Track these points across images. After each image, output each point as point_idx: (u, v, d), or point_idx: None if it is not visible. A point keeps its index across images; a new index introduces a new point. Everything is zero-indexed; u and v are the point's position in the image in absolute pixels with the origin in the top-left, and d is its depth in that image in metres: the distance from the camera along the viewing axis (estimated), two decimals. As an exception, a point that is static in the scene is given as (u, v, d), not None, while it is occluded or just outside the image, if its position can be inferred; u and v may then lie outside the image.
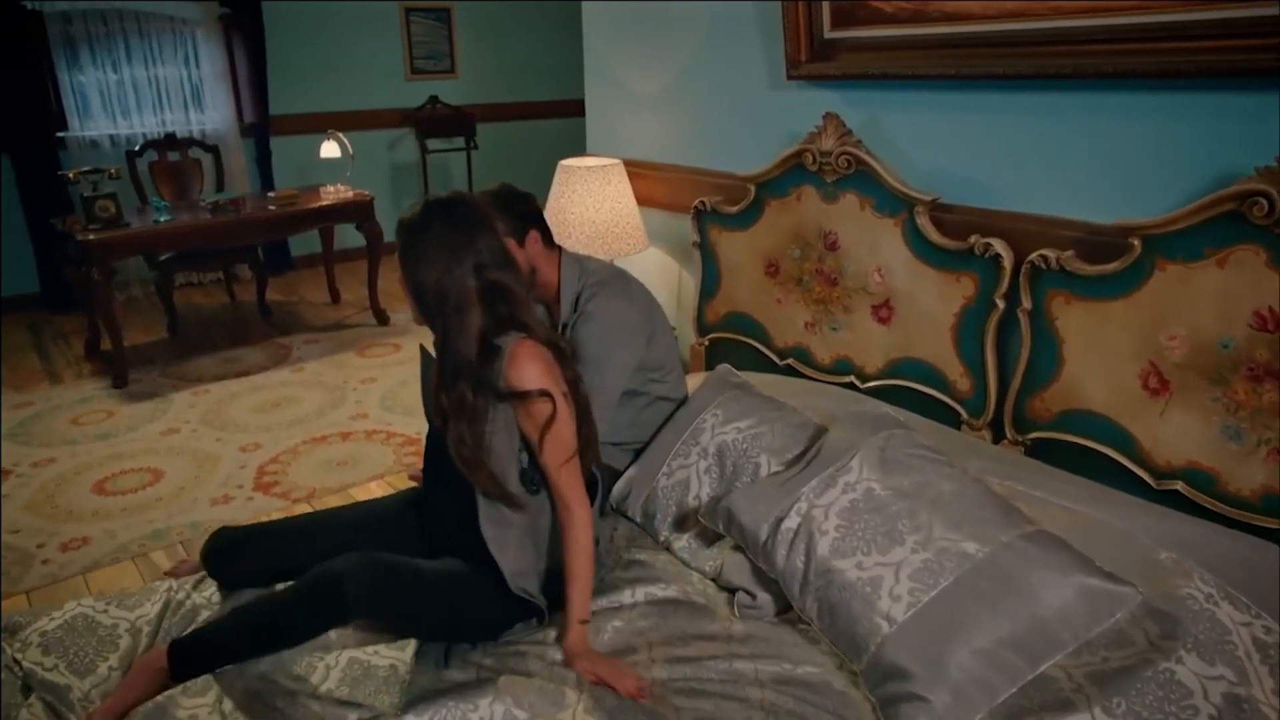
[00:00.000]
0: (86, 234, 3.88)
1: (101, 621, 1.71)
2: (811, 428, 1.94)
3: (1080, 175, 1.90)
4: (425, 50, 6.58)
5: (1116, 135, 1.83)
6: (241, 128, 5.81)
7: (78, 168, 4.12)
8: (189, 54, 5.53)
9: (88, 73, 5.23)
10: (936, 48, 2.05)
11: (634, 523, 2.04)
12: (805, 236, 2.38)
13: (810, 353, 2.47)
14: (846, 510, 1.61)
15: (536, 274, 2.10)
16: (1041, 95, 1.93)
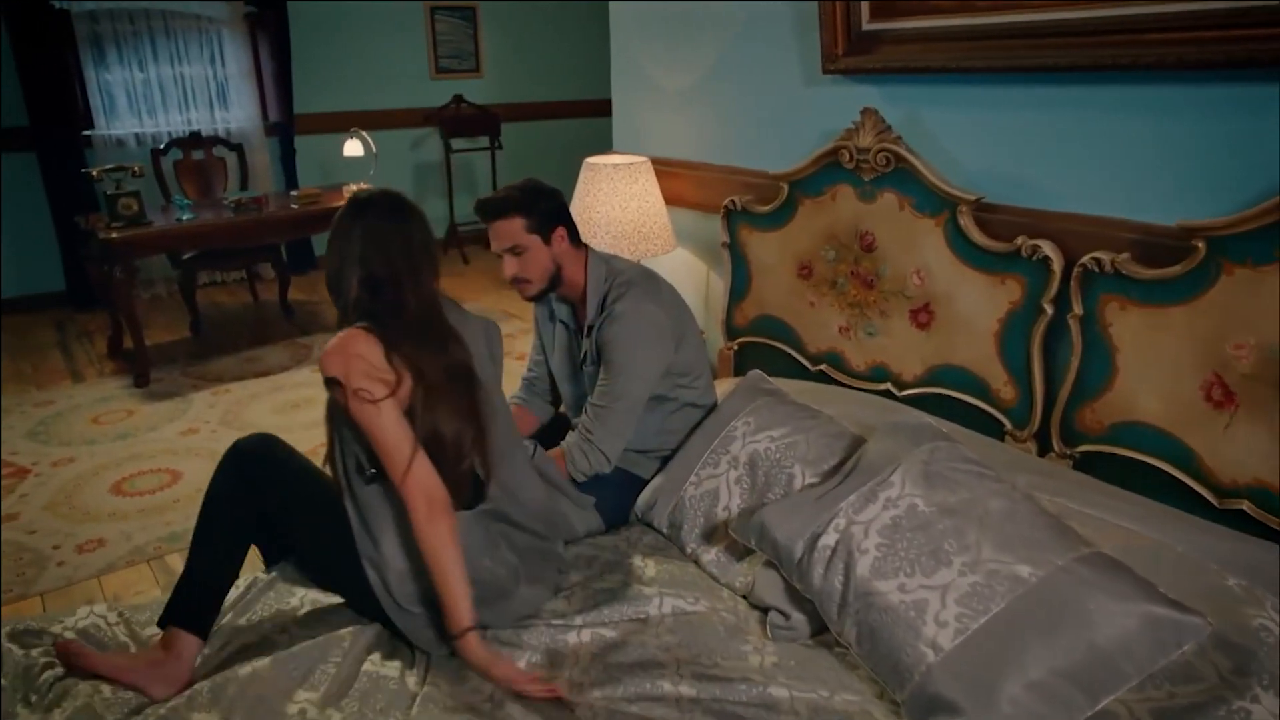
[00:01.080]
0: (109, 232, 3.86)
1: (116, 634, 1.65)
2: (848, 438, 1.85)
3: (1138, 173, 1.79)
4: (450, 49, 6.54)
5: (1179, 131, 1.72)
6: (266, 126, 5.80)
7: (102, 166, 4.10)
8: (215, 52, 5.52)
9: (114, 71, 5.23)
10: (983, 39, 1.95)
11: (660, 533, 1.95)
12: (840, 237, 2.29)
13: (844, 358, 2.37)
14: (888, 528, 1.52)
15: (562, 273, 2.03)
16: (1097, 88, 1.82)
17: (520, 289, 2.03)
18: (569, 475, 2.00)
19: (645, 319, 1.98)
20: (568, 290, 2.07)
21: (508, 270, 1.99)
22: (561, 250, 2.00)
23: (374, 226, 1.58)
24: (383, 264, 1.57)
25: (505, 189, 1.99)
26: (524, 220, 1.95)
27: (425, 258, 1.61)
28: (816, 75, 2.35)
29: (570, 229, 2.04)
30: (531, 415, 2.32)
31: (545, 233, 1.97)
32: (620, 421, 1.97)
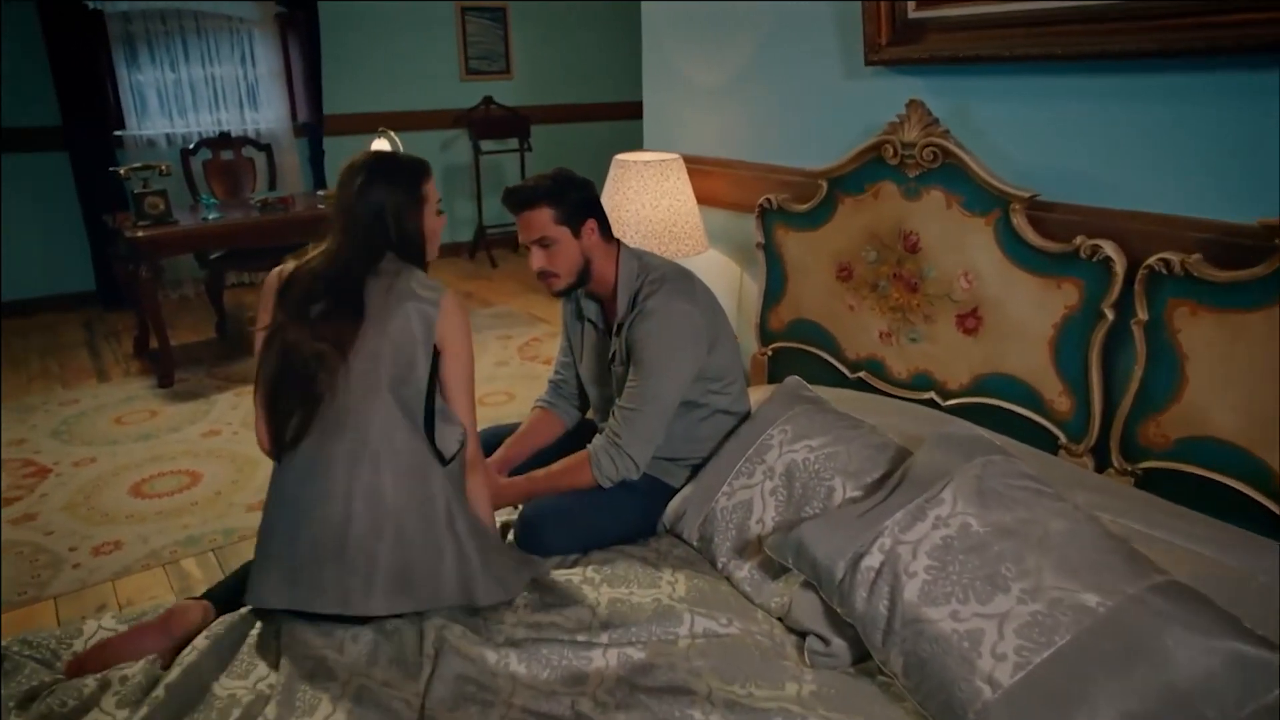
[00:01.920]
0: (135, 230, 3.84)
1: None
2: (893, 449, 1.73)
3: (1212, 167, 1.66)
4: (480, 50, 6.50)
5: (1259, 121, 1.58)
6: (295, 127, 5.78)
7: (130, 165, 4.08)
8: (245, 53, 5.52)
9: (146, 72, 5.24)
10: (1039, 24, 1.83)
11: (690, 545, 1.85)
12: (883, 237, 2.17)
13: (885, 365, 2.25)
14: (939, 549, 1.40)
15: (592, 267, 1.93)
16: (1164, 76, 1.69)
17: (547, 283, 1.94)
18: (594, 481, 1.90)
19: (678, 317, 1.88)
20: (597, 286, 1.98)
21: (535, 262, 1.91)
22: (592, 244, 1.91)
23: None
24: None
25: (535, 178, 1.91)
26: (553, 211, 1.86)
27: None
28: (858, 67, 2.23)
29: (602, 222, 1.95)
30: (557, 420, 2.22)
31: (575, 225, 1.88)
32: (650, 425, 1.87)
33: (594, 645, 1.50)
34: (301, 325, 1.58)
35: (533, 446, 2.15)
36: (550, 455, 2.05)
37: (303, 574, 1.54)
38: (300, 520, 1.56)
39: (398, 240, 1.64)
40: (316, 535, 1.54)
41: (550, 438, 2.19)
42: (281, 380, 1.59)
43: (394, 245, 1.64)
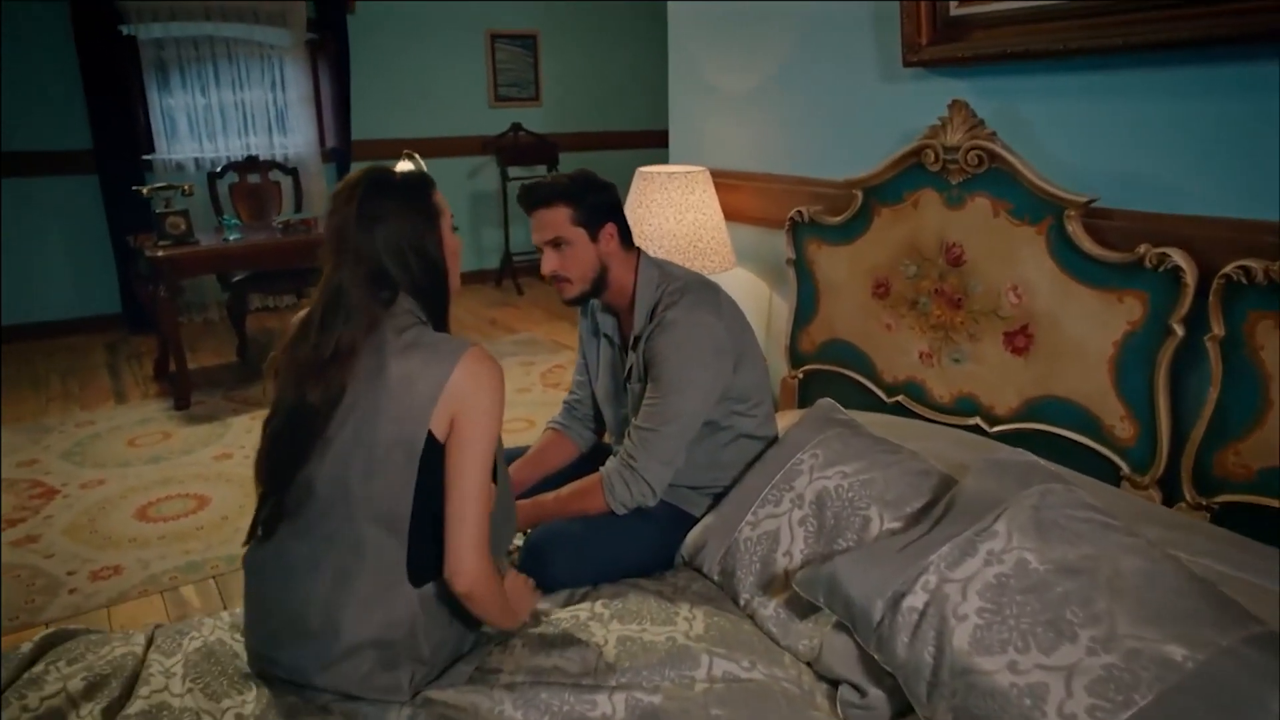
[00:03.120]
0: (156, 250, 3.79)
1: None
2: (936, 476, 1.56)
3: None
4: (510, 77, 6.48)
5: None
6: (323, 152, 5.77)
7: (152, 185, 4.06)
8: (275, 79, 5.53)
9: (177, 96, 5.27)
10: (1097, 15, 1.68)
11: (710, 581, 1.68)
12: (923, 249, 2.01)
13: (925, 389, 2.08)
14: (992, 588, 1.22)
15: (608, 275, 1.80)
16: (1239, 67, 1.53)
17: (559, 288, 1.81)
18: (604, 507, 1.75)
19: (700, 330, 1.73)
20: (614, 297, 1.84)
21: (546, 265, 1.77)
22: (610, 250, 1.78)
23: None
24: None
25: (554, 175, 1.80)
26: (570, 210, 1.74)
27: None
28: (895, 70, 2.10)
29: (622, 228, 1.82)
30: (570, 443, 2.08)
31: (593, 227, 1.76)
32: (668, 446, 1.71)
33: (600, 689, 1.33)
34: (288, 381, 1.33)
35: (543, 470, 2.01)
36: (561, 481, 1.90)
37: (264, 650, 1.40)
38: (260, 614, 1.39)
39: (418, 269, 1.34)
40: (274, 629, 1.37)
41: (562, 461, 2.05)
42: (271, 449, 1.35)
43: (412, 276, 1.34)
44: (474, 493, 1.29)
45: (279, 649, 1.36)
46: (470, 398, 1.30)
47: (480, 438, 1.30)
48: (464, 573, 1.29)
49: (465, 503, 1.29)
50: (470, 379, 1.30)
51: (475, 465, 1.30)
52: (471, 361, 1.31)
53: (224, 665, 1.45)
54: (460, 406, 1.29)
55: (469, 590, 1.31)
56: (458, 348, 1.33)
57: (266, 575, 1.38)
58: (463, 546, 1.29)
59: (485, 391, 1.31)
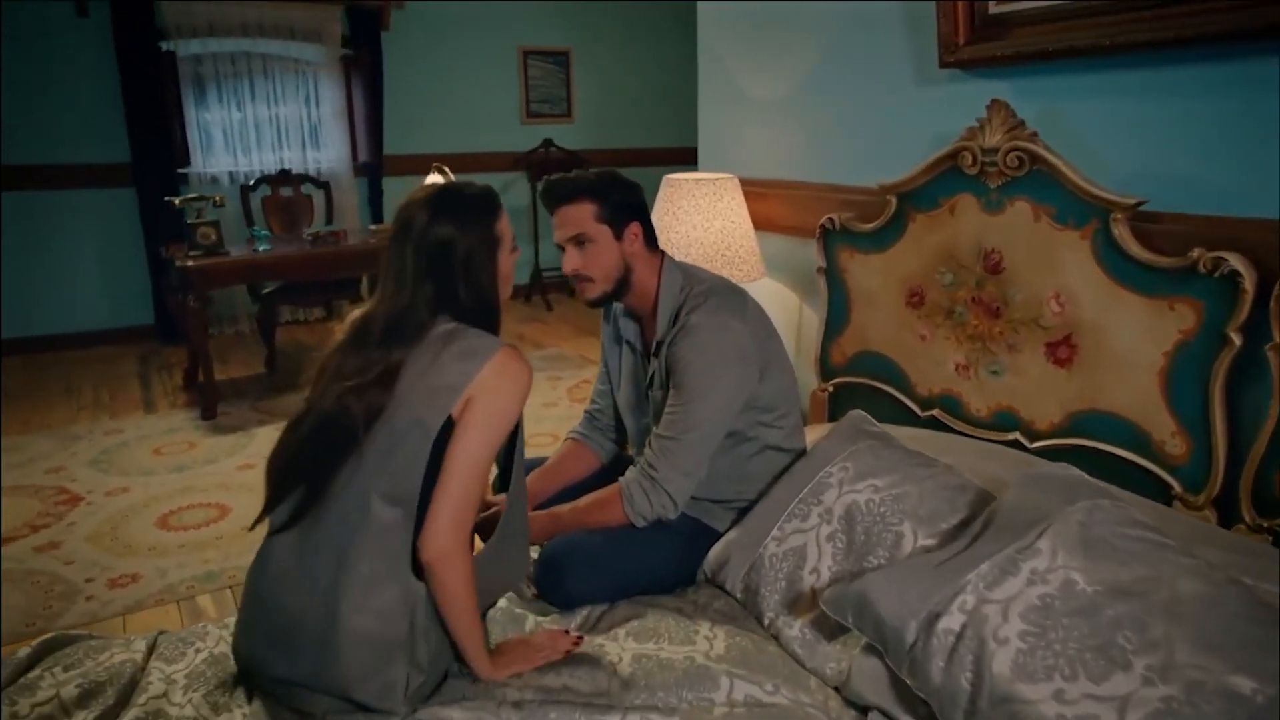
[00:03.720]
0: (186, 260, 3.81)
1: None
2: (973, 491, 1.48)
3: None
4: (541, 94, 6.50)
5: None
6: (356, 166, 5.82)
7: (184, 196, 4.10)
8: (309, 94, 5.60)
9: (213, 111, 5.34)
10: (1143, 9, 1.60)
11: (733, 598, 1.60)
12: (959, 257, 1.93)
13: (962, 403, 1.99)
14: (1036, 610, 1.13)
15: (631, 276, 1.74)
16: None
17: (580, 288, 1.75)
18: (624, 519, 1.68)
19: (724, 334, 1.66)
20: (636, 300, 1.78)
21: (568, 264, 1.72)
22: (634, 251, 1.72)
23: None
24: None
25: (578, 172, 1.74)
26: (595, 207, 1.68)
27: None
28: (930, 72, 2.03)
29: (647, 229, 1.76)
30: (590, 453, 2.01)
31: (617, 226, 1.70)
32: (690, 456, 1.64)
33: (612, 710, 1.26)
34: (331, 389, 1.34)
35: (562, 481, 1.94)
36: (580, 493, 1.84)
37: (258, 652, 1.35)
38: (259, 612, 1.35)
39: (467, 295, 1.35)
40: (272, 629, 1.33)
41: (582, 472, 1.98)
42: (297, 449, 1.34)
43: (460, 301, 1.35)
44: (466, 472, 1.28)
45: (274, 650, 1.31)
46: (489, 387, 1.30)
47: (486, 423, 1.29)
48: (433, 538, 1.27)
49: (453, 478, 1.28)
50: (496, 372, 1.31)
51: (473, 447, 1.29)
52: (503, 357, 1.32)
53: (228, 675, 1.40)
54: (479, 392, 1.29)
55: (433, 559, 1.27)
56: (493, 344, 1.34)
57: (269, 570, 1.35)
58: (439, 515, 1.27)
59: (507, 386, 1.31)
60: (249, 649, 1.36)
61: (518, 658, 1.37)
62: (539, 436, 3.72)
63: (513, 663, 1.36)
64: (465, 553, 1.30)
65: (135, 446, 3.70)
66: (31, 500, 3.17)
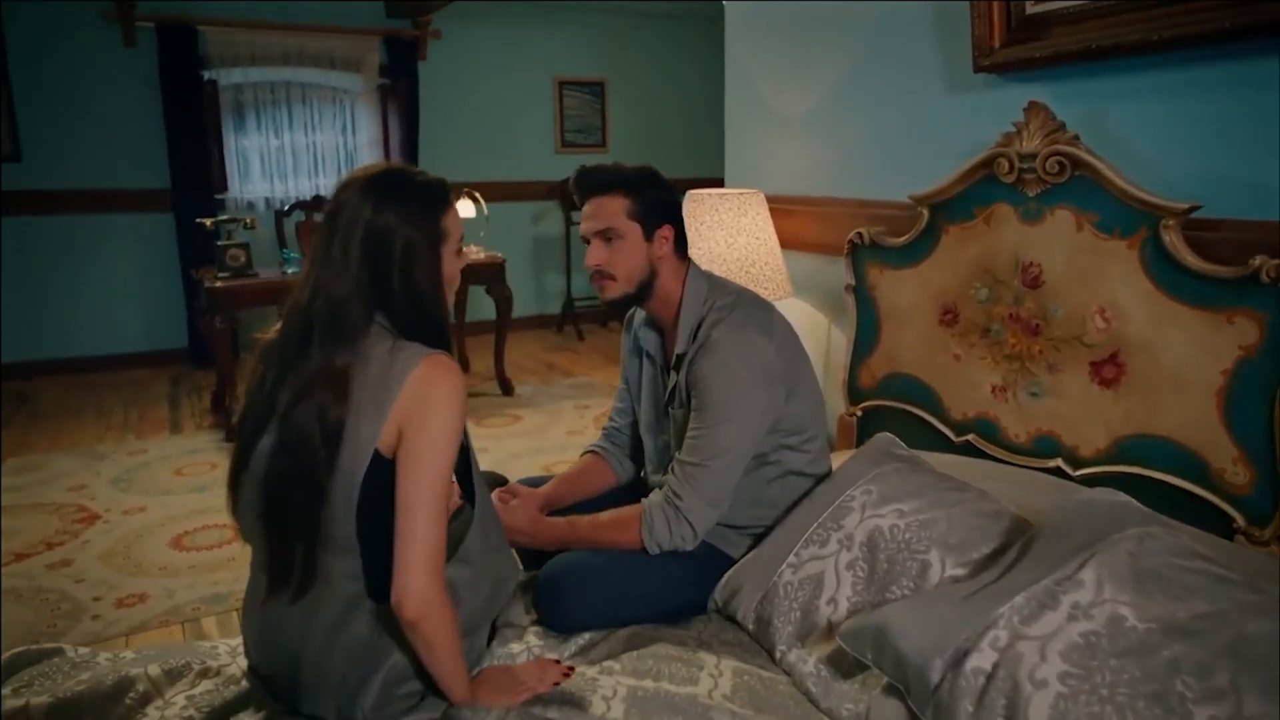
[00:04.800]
0: (214, 281, 3.82)
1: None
2: (1008, 519, 1.35)
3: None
4: (576, 123, 6.50)
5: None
6: (391, 194, 5.84)
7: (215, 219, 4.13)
8: (346, 122, 5.66)
9: (251, 138, 5.42)
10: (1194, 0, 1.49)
11: (744, 630, 1.48)
12: (996, 270, 1.81)
13: (999, 427, 1.85)
14: (1078, 650, 1.00)
15: (655, 281, 1.65)
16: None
17: (600, 285, 1.65)
18: (639, 544, 1.57)
19: (749, 352, 1.56)
20: (658, 308, 1.68)
21: (591, 258, 1.62)
22: (662, 254, 1.63)
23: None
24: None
25: (616, 163, 1.65)
26: (628, 202, 1.60)
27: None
28: (964, 78, 1.93)
29: (679, 234, 1.67)
30: (608, 470, 1.91)
31: (649, 226, 1.61)
32: (716, 484, 1.54)
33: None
34: (281, 394, 1.22)
35: (579, 492, 1.84)
36: (591, 510, 1.73)
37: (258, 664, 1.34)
38: (253, 636, 1.33)
39: (403, 293, 1.22)
40: (269, 654, 1.31)
41: (599, 487, 1.88)
42: (269, 498, 1.22)
43: (395, 300, 1.22)
44: (425, 510, 1.16)
45: (272, 666, 1.29)
46: (420, 408, 1.17)
47: (430, 451, 1.17)
48: (410, 595, 1.15)
49: (414, 520, 1.16)
50: (422, 385, 1.18)
51: (425, 480, 1.16)
52: (427, 368, 1.19)
53: (222, 692, 1.33)
54: (409, 416, 1.17)
55: (415, 616, 1.15)
56: (413, 358, 1.20)
57: (251, 597, 1.32)
58: (410, 566, 1.15)
59: (438, 401, 1.18)
60: (259, 664, 1.33)
61: (501, 688, 1.26)
62: (563, 465, 3.62)
63: (495, 694, 1.25)
64: (444, 598, 1.19)
65: (157, 466, 3.68)
66: (51, 517, 3.16)
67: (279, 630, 1.25)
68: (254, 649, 1.33)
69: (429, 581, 1.15)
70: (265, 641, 1.29)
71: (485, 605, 1.37)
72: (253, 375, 1.28)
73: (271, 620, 1.26)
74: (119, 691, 1.27)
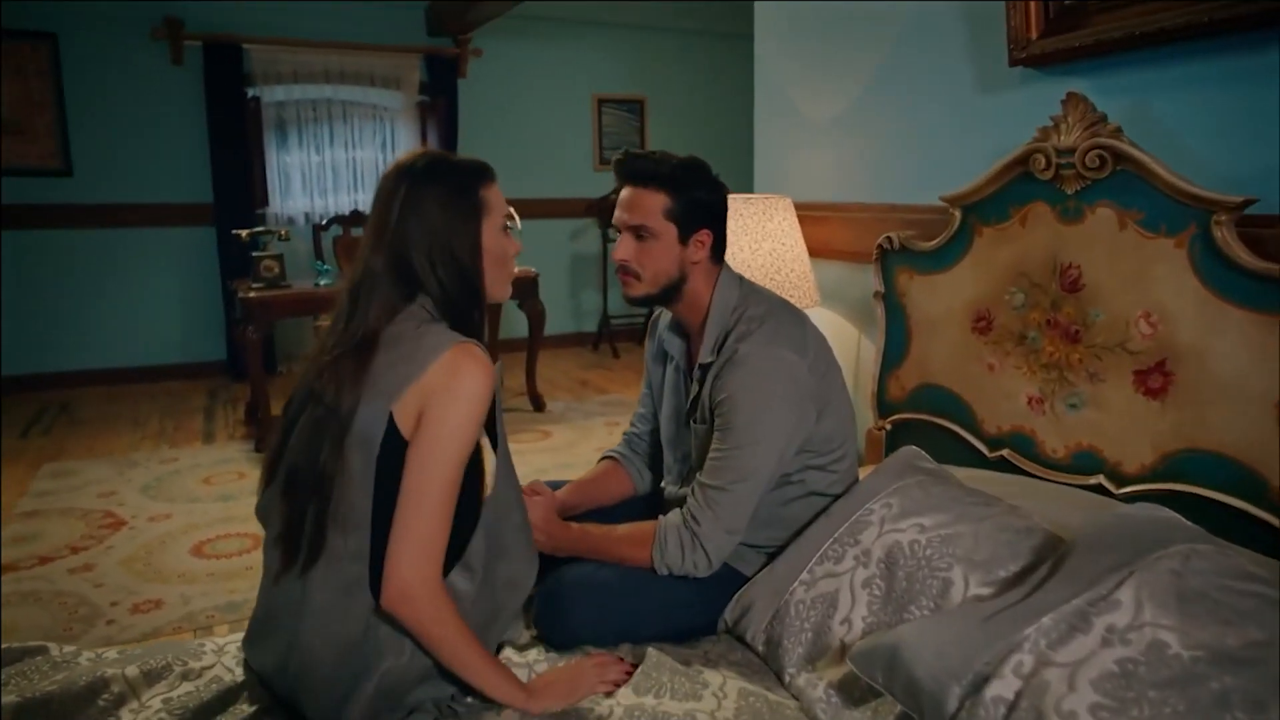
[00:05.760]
0: (248, 292, 3.85)
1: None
2: (1039, 535, 1.24)
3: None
4: (615, 141, 6.49)
5: None
6: (428, 210, 5.88)
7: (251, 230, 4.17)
8: (386, 139, 5.71)
9: (293, 154, 5.50)
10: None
11: (753, 651, 1.38)
12: (1032, 274, 1.70)
13: (1036, 441, 1.73)
14: (1113, 679, 0.89)
15: (684, 286, 1.56)
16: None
17: (624, 281, 1.57)
18: (649, 563, 1.48)
19: (779, 370, 1.47)
20: (685, 312, 1.60)
21: (620, 251, 1.54)
22: (696, 259, 1.54)
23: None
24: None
25: (664, 153, 1.55)
26: (668, 201, 1.51)
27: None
28: (998, 74, 1.84)
29: (718, 239, 1.58)
30: (625, 477, 1.83)
31: (686, 229, 1.52)
32: (736, 511, 1.46)
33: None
34: (307, 378, 1.26)
35: (595, 499, 1.77)
36: (608, 519, 1.66)
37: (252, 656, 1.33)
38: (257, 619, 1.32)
39: (441, 269, 1.22)
40: (269, 642, 1.28)
41: (615, 495, 1.81)
42: (291, 468, 1.24)
43: (436, 278, 1.23)
44: (427, 499, 1.14)
45: (264, 657, 1.27)
46: (443, 393, 1.15)
47: (444, 439, 1.14)
48: (390, 583, 1.13)
49: (413, 508, 1.13)
50: (447, 373, 1.15)
51: (434, 468, 1.14)
52: (455, 356, 1.17)
53: (201, 695, 1.28)
54: (430, 401, 1.14)
55: (395, 604, 1.13)
56: (444, 341, 1.19)
57: (265, 576, 1.30)
58: (401, 554, 1.12)
59: (462, 390, 1.15)
60: (255, 658, 1.30)
61: (559, 689, 1.21)
62: (587, 479, 3.55)
63: (551, 694, 1.21)
64: (432, 592, 1.15)
65: (186, 475, 3.70)
66: (78, 522, 3.17)
67: (280, 609, 1.23)
68: (254, 637, 1.31)
69: (413, 573, 1.13)
70: (264, 624, 1.27)
71: (490, 614, 1.31)
72: (306, 357, 1.31)
73: (275, 600, 1.24)
74: (91, 693, 1.22)
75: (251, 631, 1.31)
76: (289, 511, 1.22)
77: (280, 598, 1.23)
